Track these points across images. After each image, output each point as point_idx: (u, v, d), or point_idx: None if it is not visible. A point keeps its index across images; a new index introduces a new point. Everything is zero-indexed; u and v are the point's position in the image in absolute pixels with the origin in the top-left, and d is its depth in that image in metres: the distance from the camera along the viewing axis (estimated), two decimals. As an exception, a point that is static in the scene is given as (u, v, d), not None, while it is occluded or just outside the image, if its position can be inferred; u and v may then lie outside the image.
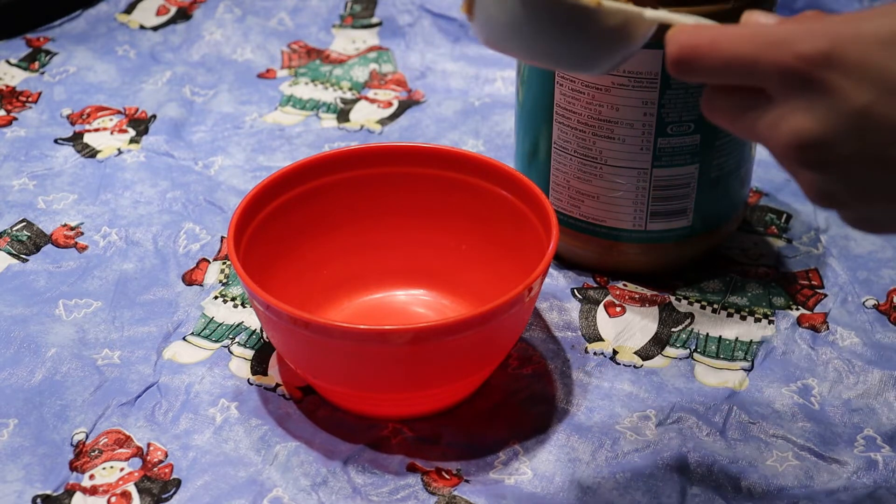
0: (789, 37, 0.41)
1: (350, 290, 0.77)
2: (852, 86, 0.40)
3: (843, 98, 0.40)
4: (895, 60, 0.40)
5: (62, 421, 0.69)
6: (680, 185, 0.76)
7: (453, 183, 0.75)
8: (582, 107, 0.74)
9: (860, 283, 0.80)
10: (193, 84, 1.03)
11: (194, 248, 0.83)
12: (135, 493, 0.64)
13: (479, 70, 1.05)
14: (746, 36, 0.43)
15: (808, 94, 0.41)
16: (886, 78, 0.40)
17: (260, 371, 0.72)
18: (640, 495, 0.64)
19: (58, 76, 1.03)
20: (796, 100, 0.42)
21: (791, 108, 0.42)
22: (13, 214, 0.86)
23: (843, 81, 0.40)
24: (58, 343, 0.74)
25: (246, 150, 0.94)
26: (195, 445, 0.67)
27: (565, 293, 0.79)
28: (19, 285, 0.79)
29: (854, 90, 0.40)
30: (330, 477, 0.65)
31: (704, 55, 0.43)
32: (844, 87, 0.40)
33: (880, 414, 0.70)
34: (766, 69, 0.42)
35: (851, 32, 0.40)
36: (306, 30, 1.11)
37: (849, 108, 0.40)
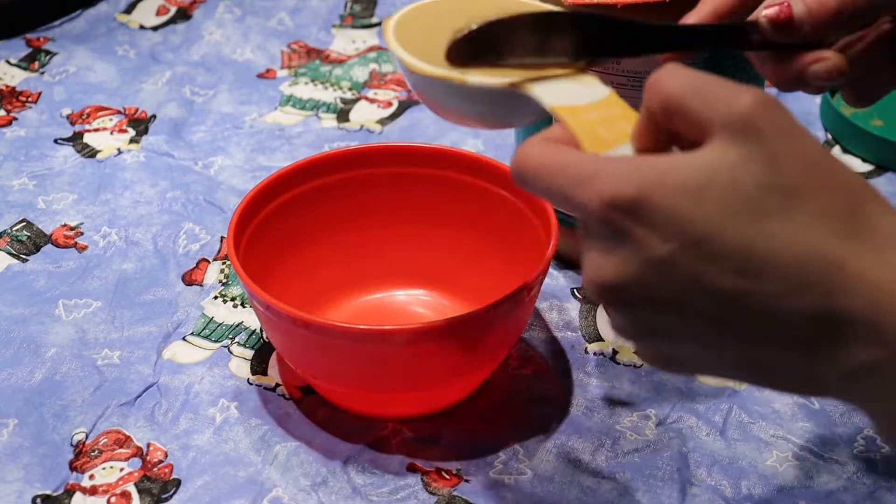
0: (598, 177, 0.41)
1: (350, 290, 0.77)
2: (655, 235, 0.40)
3: (644, 247, 0.40)
4: (697, 212, 0.39)
5: (62, 421, 0.69)
6: (680, 185, 0.75)
7: (453, 183, 0.75)
8: (582, 107, 0.74)
9: (860, 283, 0.80)
10: (193, 84, 1.03)
11: (194, 248, 0.83)
12: (135, 494, 0.64)
13: (479, 70, 1.05)
14: (561, 169, 0.43)
15: (612, 238, 0.41)
16: (688, 230, 0.39)
17: (260, 371, 0.72)
18: (640, 495, 0.64)
19: (58, 76, 1.03)
20: (601, 241, 0.42)
21: (596, 247, 0.42)
22: (13, 214, 0.86)
23: (646, 230, 0.40)
24: (58, 343, 0.74)
25: (246, 150, 0.94)
26: (195, 445, 0.67)
27: (565, 293, 0.79)
28: (19, 285, 0.79)
29: (656, 240, 0.40)
30: (330, 477, 0.65)
31: (530, 180, 0.44)
32: (647, 237, 0.40)
33: (880, 414, 0.70)
34: (576, 206, 0.43)
35: (658, 180, 0.40)
36: (306, 30, 1.11)
37: (649, 256, 0.40)
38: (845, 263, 0.40)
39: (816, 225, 0.40)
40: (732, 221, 0.39)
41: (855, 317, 0.40)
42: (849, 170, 0.42)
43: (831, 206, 0.40)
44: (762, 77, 0.77)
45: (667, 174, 0.40)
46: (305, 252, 0.75)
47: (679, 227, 0.40)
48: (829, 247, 0.40)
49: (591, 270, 0.43)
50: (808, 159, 0.41)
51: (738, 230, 0.39)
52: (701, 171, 0.40)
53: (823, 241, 0.40)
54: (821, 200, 0.40)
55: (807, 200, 0.40)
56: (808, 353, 0.41)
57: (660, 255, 0.40)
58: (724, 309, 0.40)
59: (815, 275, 0.39)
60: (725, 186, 0.40)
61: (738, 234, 0.39)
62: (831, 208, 0.40)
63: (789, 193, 0.40)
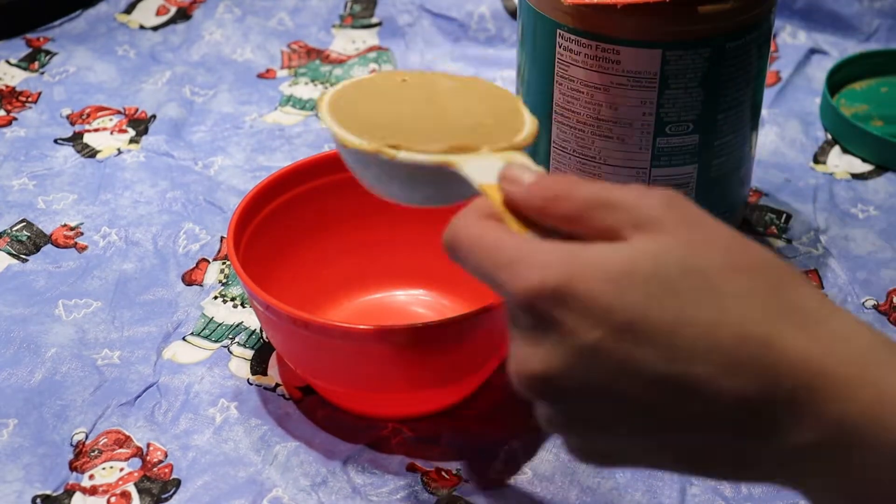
0: (525, 261, 0.41)
1: (350, 290, 0.77)
2: (580, 323, 0.39)
3: (569, 335, 0.40)
4: (622, 298, 0.39)
5: (62, 421, 0.69)
6: (679, 184, 0.76)
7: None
8: (581, 106, 0.74)
9: (860, 284, 0.80)
10: (193, 84, 1.03)
11: (194, 249, 0.83)
12: (134, 494, 0.64)
13: (479, 70, 1.05)
14: (490, 251, 0.43)
15: (537, 327, 0.41)
16: (613, 316, 0.39)
17: (260, 371, 0.72)
18: (640, 495, 0.64)
19: (58, 76, 1.03)
20: (527, 329, 0.41)
21: (521, 337, 0.42)
22: (13, 214, 0.86)
23: (571, 318, 0.39)
24: (57, 343, 0.74)
25: (246, 150, 0.94)
26: (195, 445, 0.67)
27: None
28: (19, 285, 0.79)
29: (581, 328, 0.39)
30: (330, 477, 0.65)
31: (460, 257, 0.44)
32: (572, 324, 0.40)
33: (880, 414, 0.70)
34: (502, 291, 0.42)
35: (581, 267, 0.40)
36: (306, 30, 1.11)
37: (576, 344, 0.40)
38: (774, 342, 0.39)
39: (742, 305, 0.40)
40: (658, 306, 0.39)
41: (791, 396, 0.39)
42: (766, 251, 0.42)
43: (754, 287, 0.40)
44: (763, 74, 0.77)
45: (591, 262, 0.40)
46: (305, 252, 0.75)
47: (605, 314, 0.39)
48: (757, 327, 0.39)
49: (517, 363, 0.42)
50: (725, 243, 0.41)
51: (664, 315, 0.39)
52: (624, 260, 0.40)
53: (750, 322, 0.40)
54: (743, 281, 0.40)
55: (729, 282, 0.40)
56: (745, 436, 0.40)
57: (587, 343, 0.40)
58: (656, 395, 0.40)
59: (746, 356, 0.39)
60: (648, 273, 0.40)
61: (664, 318, 0.39)
62: (754, 289, 0.40)
63: (711, 276, 0.40)
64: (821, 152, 0.94)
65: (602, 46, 0.71)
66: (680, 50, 0.71)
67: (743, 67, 0.74)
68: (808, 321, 0.40)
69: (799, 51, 1.07)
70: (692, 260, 0.40)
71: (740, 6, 0.70)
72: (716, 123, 0.74)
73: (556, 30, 0.73)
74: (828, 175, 0.91)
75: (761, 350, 0.39)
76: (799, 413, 0.39)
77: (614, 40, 0.71)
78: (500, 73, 1.04)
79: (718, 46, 0.71)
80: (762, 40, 0.74)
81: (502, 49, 1.07)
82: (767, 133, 0.96)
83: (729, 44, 0.72)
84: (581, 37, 0.72)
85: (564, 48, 0.73)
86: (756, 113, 0.78)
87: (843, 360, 0.39)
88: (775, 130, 0.96)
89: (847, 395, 0.39)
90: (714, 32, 0.71)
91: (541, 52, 0.75)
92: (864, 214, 0.87)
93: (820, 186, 0.90)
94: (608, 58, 0.71)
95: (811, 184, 0.90)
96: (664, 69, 0.71)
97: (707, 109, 0.73)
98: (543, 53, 0.74)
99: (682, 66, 0.71)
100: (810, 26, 1.09)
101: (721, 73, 0.72)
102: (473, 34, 1.09)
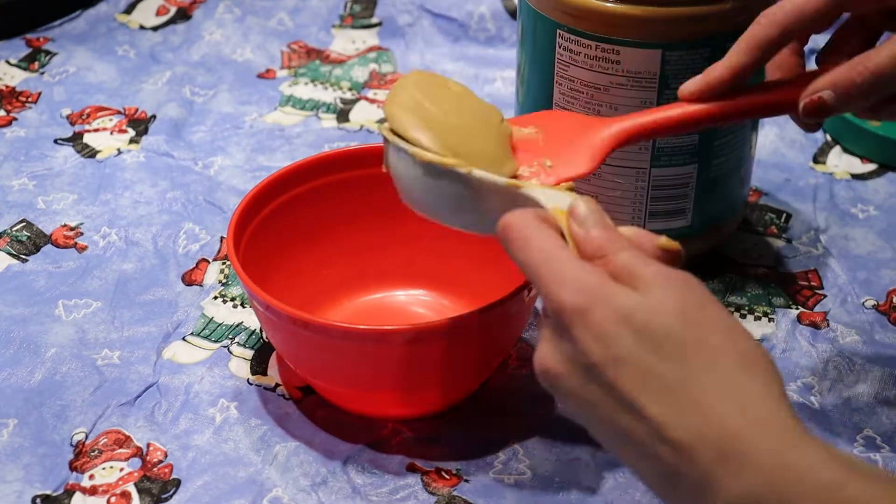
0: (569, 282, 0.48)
1: (350, 290, 0.77)
2: (591, 344, 0.47)
3: (581, 350, 0.47)
4: (623, 336, 0.46)
5: (62, 421, 0.69)
6: (678, 184, 0.76)
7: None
8: (581, 106, 0.74)
9: (860, 284, 0.80)
10: (193, 84, 1.03)
11: (194, 249, 0.83)
12: (134, 494, 0.64)
13: (479, 70, 1.05)
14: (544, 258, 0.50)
15: (559, 334, 0.48)
16: (612, 349, 0.46)
17: (259, 371, 0.72)
18: (640, 495, 0.64)
19: (57, 76, 1.03)
20: (552, 333, 0.49)
21: (548, 336, 0.49)
22: (13, 214, 0.86)
23: (586, 337, 0.47)
24: (57, 343, 0.74)
25: (246, 151, 0.94)
26: (195, 445, 0.67)
27: (565, 293, 0.79)
28: (19, 285, 0.79)
29: (591, 347, 0.47)
30: (329, 477, 0.65)
31: (513, 246, 0.51)
32: (585, 342, 0.47)
33: (880, 413, 0.70)
34: (542, 294, 0.49)
35: (606, 298, 0.47)
36: (306, 30, 1.11)
37: (583, 359, 0.47)
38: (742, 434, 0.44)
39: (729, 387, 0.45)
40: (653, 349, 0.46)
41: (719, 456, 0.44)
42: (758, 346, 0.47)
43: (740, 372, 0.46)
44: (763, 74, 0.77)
45: (613, 296, 0.47)
46: (305, 252, 0.75)
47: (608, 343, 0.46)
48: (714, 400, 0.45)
49: (540, 355, 0.50)
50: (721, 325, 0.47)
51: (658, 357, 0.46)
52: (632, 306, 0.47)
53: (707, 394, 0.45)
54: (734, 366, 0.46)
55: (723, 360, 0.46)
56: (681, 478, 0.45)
57: (591, 361, 0.47)
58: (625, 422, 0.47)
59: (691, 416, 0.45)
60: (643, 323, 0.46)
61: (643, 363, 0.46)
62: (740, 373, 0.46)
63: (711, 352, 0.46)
64: (820, 152, 0.94)
65: (602, 46, 0.71)
66: (680, 50, 0.71)
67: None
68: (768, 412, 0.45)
69: (799, 51, 1.07)
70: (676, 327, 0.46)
71: (740, 6, 0.70)
72: (716, 123, 0.74)
73: (556, 30, 0.73)
74: (828, 175, 0.91)
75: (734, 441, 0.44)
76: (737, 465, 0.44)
77: (614, 40, 0.71)
78: (501, 73, 1.04)
79: (718, 46, 0.71)
80: (762, 40, 0.74)
81: (502, 49, 1.07)
82: (767, 133, 0.96)
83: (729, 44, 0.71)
84: (581, 37, 0.72)
85: (564, 48, 0.73)
86: (756, 113, 0.78)
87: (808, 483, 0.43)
88: (775, 130, 0.96)
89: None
90: (714, 32, 0.71)
91: (541, 52, 0.75)
92: (864, 214, 0.87)
93: (820, 186, 0.90)
94: (608, 58, 0.71)
95: (811, 183, 0.90)
96: (664, 69, 0.71)
97: (707, 109, 0.73)
98: (543, 53, 0.74)
99: (682, 67, 0.71)
100: (810, 26, 1.09)
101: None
102: (473, 34, 1.09)
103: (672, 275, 0.48)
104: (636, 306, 0.47)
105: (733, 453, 0.44)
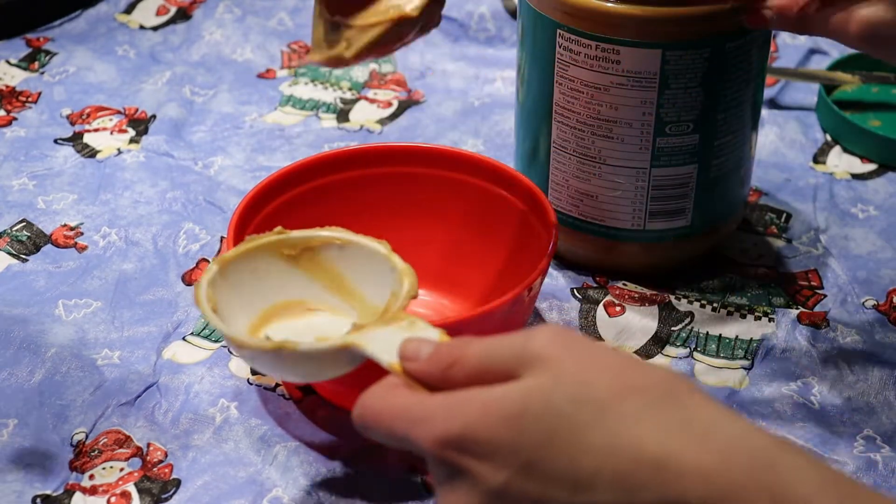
0: (430, 415, 0.44)
1: (350, 290, 0.77)
2: (486, 467, 0.42)
3: (480, 480, 0.42)
4: (523, 436, 0.41)
5: (62, 421, 0.69)
6: (679, 184, 0.76)
7: (453, 183, 0.75)
8: (581, 106, 0.74)
9: (860, 284, 0.80)
10: (193, 84, 1.03)
11: (194, 249, 0.83)
12: (134, 493, 0.64)
13: (479, 70, 1.05)
14: (398, 413, 0.45)
15: (451, 474, 0.43)
16: (518, 456, 0.41)
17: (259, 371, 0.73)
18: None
19: (58, 76, 1.04)
20: (443, 478, 0.44)
21: (441, 484, 0.44)
22: (13, 214, 0.86)
23: (477, 463, 0.42)
24: (57, 343, 0.74)
25: (246, 151, 0.94)
26: (195, 445, 0.67)
27: (565, 293, 0.79)
28: (19, 285, 0.79)
29: (488, 471, 0.42)
30: (330, 477, 0.65)
31: (370, 426, 0.46)
32: (479, 470, 0.42)
33: (880, 413, 0.70)
34: (415, 448, 0.44)
35: (479, 411, 0.42)
36: (306, 30, 1.11)
37: (487, 488, 0.42)
38: (670, 458, 0.41)
39: (635, 427, 0.41)
40: (554, 441, 0.41)
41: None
42: (658, 368, 0.44)
43: (645, 407, 0.42)
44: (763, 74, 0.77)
45: (487, 406, 0.42)
46: (305, 252, 0.75)
47: (506, 455, 0.41)
48: (651, 446, 0.41)
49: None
50: (613, 369, 0.43)
51: (561, 449, 0.41)
52: (517, 399, 0.42)
53: (643, 442, 0.41)
54: (634, 403, 0.42)
55: (620, 406, 0.42)
56: None
57: (496, 485, 0.42)
58: None
59: (644, 476, 0.41)
60: (541, 410, 0.41)
61: (561, 452, 0.41)
62: (645, 408, 0.42)
63: (602, 404, 0.42)
64: (821, 152, 0.94)
65: (602, 46, 0.71)
66: (680, 50, 0.71)
67: (743, 67, 0.74)
68: (701, 433, 0.41)
69: (799, 51, 1.07)
70: (582, 389, 0.42)
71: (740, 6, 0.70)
72: (716, 123, 0.74)
73: (556, 29, 0.73)
74: (828, 175, 0.91)
75: (658, 469, 0.41)
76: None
77: (614, 40, 0.71)
78: (501, 73, 1.04)
79: (718, 46, 0.71)
80: (762, 40, 0.74)
81: (502, 49, 1.07)
82: (767, 133, 0.96)
83: (729, 44, 0.72)
84: (581, 37, 0.72)
85: (564, 48, 0.73)
86: (756, 113, 0.78)
87: (738, 468, 0.40)
88: (775, 130, 0.96)
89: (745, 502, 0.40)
90: (714, 32, 0.71)
91: (541, 52, 0.75)
92: (864, 214, 0.87)
93: (820, 186, 0.90)
94: (608, 58, 0.71)
95: (811, 183, 0.90)
96: (664, 69, 0.71)
97: (707, 109, 0.73)
98: (543, 53, 0.75)
99: (682, 66, 0.71)
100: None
101: (721, 73, 0.72)
102: (473, 34, 1.09)
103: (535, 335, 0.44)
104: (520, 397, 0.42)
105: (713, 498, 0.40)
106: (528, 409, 0.42)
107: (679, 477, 0.41)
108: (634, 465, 0.41)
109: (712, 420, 0.42)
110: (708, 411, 0.42)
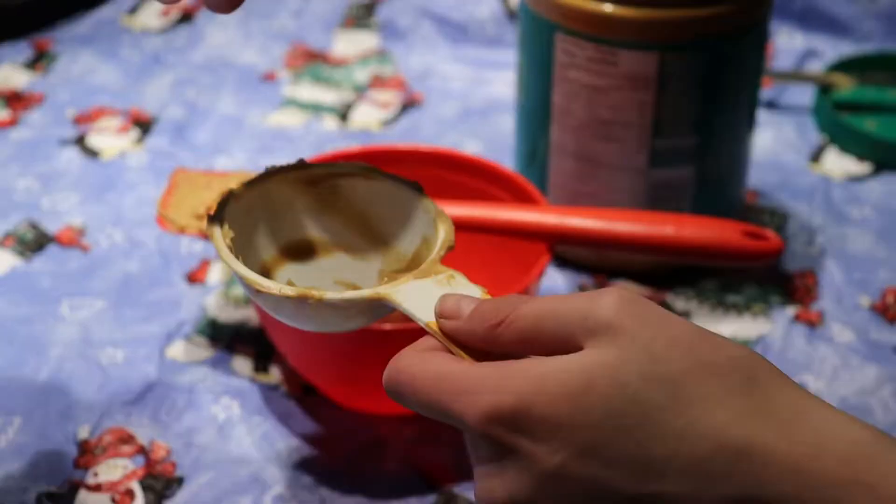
0: (476, 386, 0.39)
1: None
2: (542, 447, 0.37)
3: (532, 461, 0.38)
4: (584, 418, 0.37)
5: (66, 419, 0.69)
6: (677, 185, 0.76)
7: (453, 183, 0.75)
8: (580, 108, 0.74)
9: (856, 283, 0.81)
10: (196, 86, 1.03)
11: (197, 248, 0.83)
12: (138, 491, 0.65)
13: (479, 72, 1.06)
14: (436, 382, 0.40)
15: (498, 454, 0.39)
16: (575, 437, 0.37)
17: (262, 370, 0.73)
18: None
19: (62, 78, 1.04)
20: (488, 457, 0.39)
21: (484, 465, 0.40)
22: (18, 215, 0.87)
23: (532, 442, 0.38)
24: (62, 342, 0.75)
25: (248, 152, 0.95)
26: (198, 443, 0.68)
27: (563, 293, 0.79)
28: (24, 285, 0.80)
29: (544, 451, 0.37)
30: (331, 475, 0.66)
31: (404, 393, 0.42)
32: (532, 449, 0.38)
33: (876, 411, 0.70)
34: (457, 422, 0.40)
35: (536, 386, 0.37)
36: (308, 32, 1.11)
37: (540, 470, 0.38)
38: (754, 448, 0.37)
39: (714, 411, 0.37)
40: (622, 423, 0.37)
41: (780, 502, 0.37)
42: (733, 345, 0.39)
43: (723, 388, 0.38)
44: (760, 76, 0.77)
45: (546, 380, 0.38)
46: (307, 252, 0.75)
47: (566, 435, 0.37)
48: (732, 432, 0.37)
49: (482, 491, 0.40)
50: (686, 344, 0.39)
51: (629, 432, 0.37)
52: (580, 374, 0.38)
53: (724, 428, 0.37)
54: (711, 384, 0.38)
55: (696, 386, 0.38)
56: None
57: (551, 468, 0.38)
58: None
59: (724, 466, 0.37)
60: (608, 387, 0.37)
61: (629, 436, 0.37)
62: (724, 390, 0.38)
63: (676, 382, 0.38)
64: (817, 154, 0.95)
65: (600, 48, 0.72)
66: (677, 52, 0.71)
67: (740, 70, 0.74)
68: (788, 420, 0.38)
69: (796, 53, 1.07)
70: (654, 366, 0.38)
71: (737, 9, 0.71)
72: (713, 125, 0.75)
73: (555, 32, 0.73)
74: (824, 176, 0.92)
75: (740, 458, 0.37)
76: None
77: (612, 43, 0.71)
78: (501, 74, 1.05)
79: (716, 49, 0.72)
80: (759, 43, 0.75)
81: (502, 51, 1.07)
82: (764, 134, 0.96)
83: (726, 46, 0.72)
84: (579, 39, 0.72)
85: (563, 50, 0.73)
86: (753, 114, 0.79)
87: (831, 460, 0.37)
88: (772, 132, 0.97)
89: (839, 498, 0.37)
90: (711, 35, 0.71)
91: (540, 55, 0.75)
92: (860, 215, 0.88)
93: (816, 187, 0.90)
94: (606, 60, 0.72)
95: (808, 184, 0.91)
96: (662, 71, 0.72)
97: (704, 111, 0.74)
98: (542, 55, 0.75)
99: (679, 69, 0.72)
100: (807, 28, 1.10)
101: (718, 76, 0.73)
102: (474, 36, 1.09)
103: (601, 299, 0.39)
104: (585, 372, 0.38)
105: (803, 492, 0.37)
106: (594, 385, 0.37)
107: (765, 467, 0.37)
108: (714, 452, 0.37)
109: (800, 407, 0.38)
110: (792, 397, 0.39)
